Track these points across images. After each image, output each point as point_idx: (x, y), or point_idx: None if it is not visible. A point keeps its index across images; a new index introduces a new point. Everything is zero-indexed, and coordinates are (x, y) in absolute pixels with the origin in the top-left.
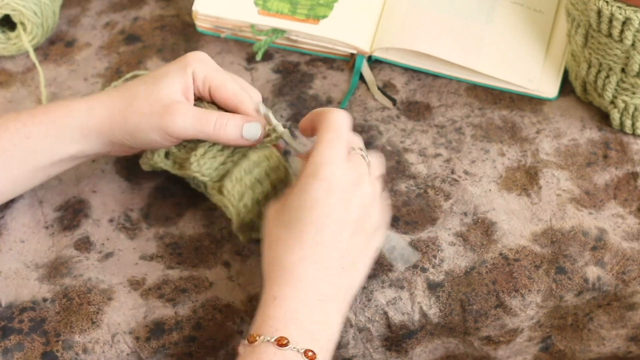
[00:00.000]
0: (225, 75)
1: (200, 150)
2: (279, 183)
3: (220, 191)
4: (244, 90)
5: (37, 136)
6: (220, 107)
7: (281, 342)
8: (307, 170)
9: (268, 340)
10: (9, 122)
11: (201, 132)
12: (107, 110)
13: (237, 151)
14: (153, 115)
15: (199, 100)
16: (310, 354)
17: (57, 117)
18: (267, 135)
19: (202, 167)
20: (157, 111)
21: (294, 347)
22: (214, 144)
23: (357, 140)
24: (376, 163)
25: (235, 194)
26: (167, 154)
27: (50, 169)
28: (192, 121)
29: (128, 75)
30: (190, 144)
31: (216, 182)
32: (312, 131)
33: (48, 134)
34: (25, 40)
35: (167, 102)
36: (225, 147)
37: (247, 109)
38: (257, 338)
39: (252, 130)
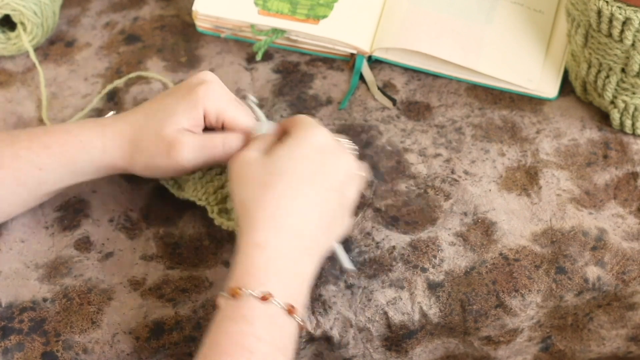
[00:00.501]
0: (237, 107)
1: (198, 174)
2: None
3: (225, 215)
4: (254, 120)
5: (50, 169)
6: None
7: (265, 297)
8: (296, 131)
9: (252, 294)
10: (21, 150)
11: (211, 157)
12: (119, 150)
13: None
14: (160, 156)
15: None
16: (290, 307)
17: (70, 152)
18: None
19: (198, 192)
20: (163, 150)
21: (277, 302)
22: (211, 168)
23: None
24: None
25: (217, 211)
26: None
27: (58, 192)
28: (199, 151)
29: (132, 75)
30: None
31: (214, 205)
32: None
33: (61, 167)
34: (25, 40)
35: (172, 137)
36: (222, 171)
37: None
38: (240, 292)
39: (259, 127)
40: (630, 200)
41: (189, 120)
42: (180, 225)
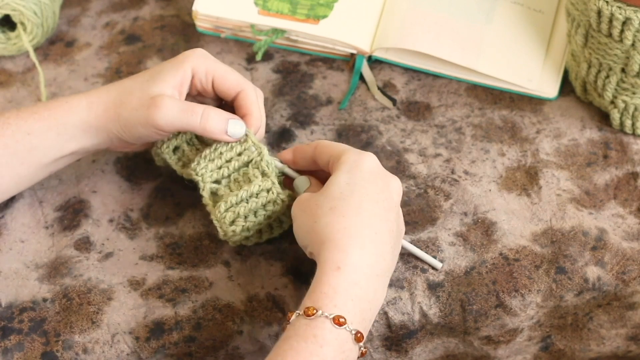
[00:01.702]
0: (225, 65)
1: (206, 151)
2: (275, 216)
3: (213, 207)
4: (245, 79)
5: (39, 132)
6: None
7: (338, 321)
8: (347, 158)
9: (326, 317)
10: (10, 118)
11: (187, 124)
12: (103, 106)
13: (235, 159)
14: (141, 109)
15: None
16: (359, 335)
17: (58, 113)
18: (283, 174)
19: (198, 166)
20: (144, 105)
21: (348, 328)
22: (216, 147)
23: None
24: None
25: (227, 219)
26: (175, 149)
27: (51, 166)
28: (177, 113)
29: None
30: (202, 146)
31: (208, 183)
32: (304, 163)
33: (49, 130)
34: (25, 40)
35: (154, 96)
36: (223, 151)
37: (249, 95)
38: (316, 312)
39: (237, 128)
40: (630, 200)
41: (175, 77)
42: (180, 225)
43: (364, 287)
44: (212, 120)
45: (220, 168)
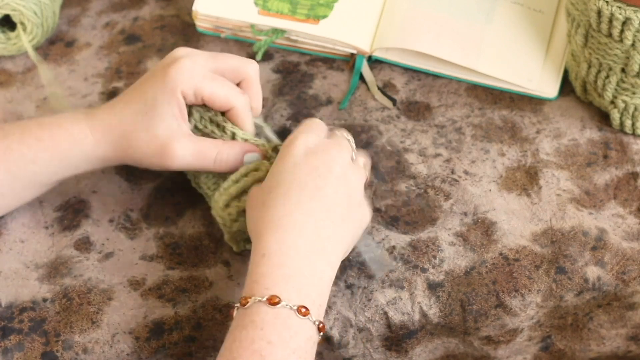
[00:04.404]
0: (213, 82)
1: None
2: None
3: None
4: (234, 90)
5: (43, 162)
6: None
7: (273, 301)
8: (283, 144)
9: (260, 300)
10: (13, 143)
11: (202, 167)
12: (111, 145)
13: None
14: (153, 156)
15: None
16: (303, 310)
17: (63, 147)
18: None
19: (209, 181)
20: (156, 152)
21: (286, 304)
22: None
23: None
24: (363, 156)
25: (220, 204)
26: None
27: (53, 184)
28: (191, 159)
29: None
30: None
31: (213, 192)
32: None
33: (53, 160)
34: (25, 40)
35: (165, 140)
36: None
37: (240, 114)
38: (249, 300)
39: (252, 159)
40: (630, 200)
41: (172, 108)
42: (180, 225)
43: (293, 267)
44: (227, 160)
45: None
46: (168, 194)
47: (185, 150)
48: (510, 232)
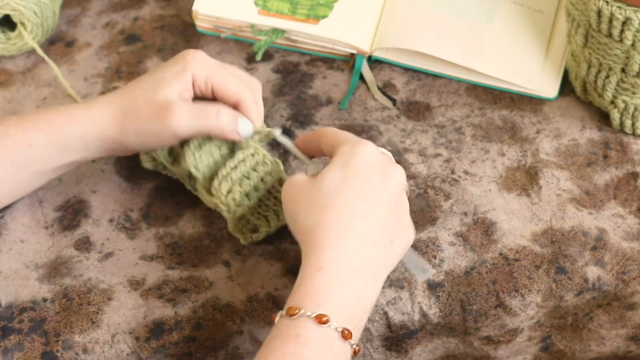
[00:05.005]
0: (226, 71)
1: (195, 143)
2: (268, 177)
3: (208, 191)
4: (245, 85)
5: (39, 144)
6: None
7: (321, 320)
8: (342, 150)
9: (308, 316)
10: (9, 128)
11: (204, 126)
12: (108, 118)
13: (230, 153)
14: (152, 120)
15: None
16: (346, 332)
17: (59, 125)
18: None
19: (197, 161)
20: (155, 115)
21: (332, 325)
22: (211, 139)
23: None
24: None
25: (223, 190)
26: (170, 151)
27: (51, 174)
28: (191, 117)
29: None
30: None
31: (207, 179)
32: (314, 151)
33: (50, 142)
34: (28, 37)
35: (165, 103)
36: (222, 145)
37: (249, 105)
38: (297, 312)
39: (246, 126)
40: (630, 200)
41: (179, 84)
42: (180, 225)
43: (347, 286)
44: (226, 119)
45: (216, 164)
46: (168, 194)
47: (185, 108)
48: (510, 232)
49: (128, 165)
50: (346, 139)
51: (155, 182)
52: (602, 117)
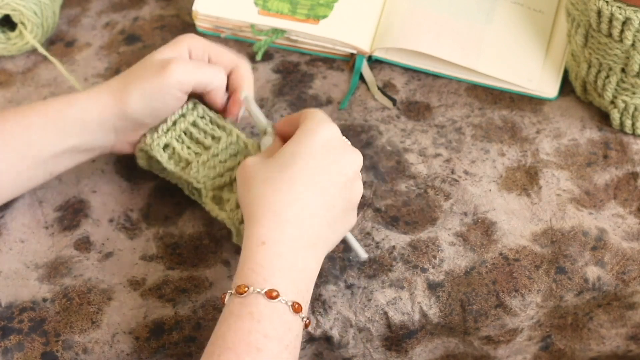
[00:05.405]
0: (222, 46)
1: (204, 157)
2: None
3: (217, 201)
4: (241, 58)
5: (37, 127)
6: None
7: (271, 295)
8: (304, 126)
9: (258, 292)
10: (9, 114)
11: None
12: (106, 96)
13: (235, 166)
14: (155, 76)
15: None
16: (296, 306)
17: (57, 108)
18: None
19: (199, 174)
20: (157, 71)
21: (283, 300)
22: (217, 154)
23: None
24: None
25: (233, 204)
26: (165, 147)
27: (50, 164)
28: (193, 67)
29: None
30: (193, 145)
31: (210, 190)
32: (289, 134)
33: (47, 125)
34: (29, 37)
35: (165, 62)
36: (225, 160)
37: (245, 70)
38: (247, 289)
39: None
40: (630, 200)
41: (174, 52)
42: (180, 225)
43: (290, 259)
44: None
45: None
46: (168, 194)
47: (187, 62)
48: (510, 232)
49: (128, 165)
50: (313, 116)
51: (155, 182)
52: (602, 117)
